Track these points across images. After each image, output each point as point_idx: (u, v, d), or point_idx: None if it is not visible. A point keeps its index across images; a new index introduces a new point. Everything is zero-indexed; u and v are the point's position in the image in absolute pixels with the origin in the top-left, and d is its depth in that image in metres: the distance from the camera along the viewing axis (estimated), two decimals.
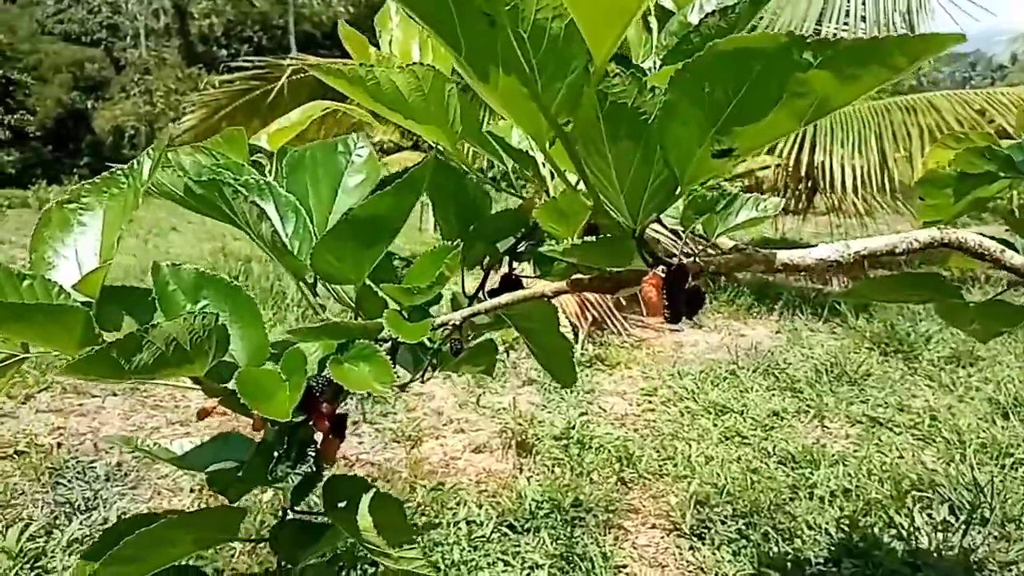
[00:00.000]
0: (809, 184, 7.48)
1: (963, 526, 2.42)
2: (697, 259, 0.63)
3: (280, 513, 0.91)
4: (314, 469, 0.94)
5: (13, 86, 25.27)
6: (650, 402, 4.05)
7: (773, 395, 4.09)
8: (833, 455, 3.15)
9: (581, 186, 0.77)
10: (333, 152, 1.03)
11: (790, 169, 7.13)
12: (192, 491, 2.89)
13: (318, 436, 0.98)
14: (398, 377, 0.81)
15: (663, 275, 0.59)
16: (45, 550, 2.35)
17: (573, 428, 3.45)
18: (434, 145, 0.97)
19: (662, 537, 2.53)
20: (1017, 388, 3.96)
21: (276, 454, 0.92)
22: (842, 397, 4.02)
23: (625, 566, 2.36)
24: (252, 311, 0.90)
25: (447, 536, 2.49)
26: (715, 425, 3.61)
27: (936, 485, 2.76)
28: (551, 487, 2.81)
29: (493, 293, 1.03)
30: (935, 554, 2.26)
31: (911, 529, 2.41)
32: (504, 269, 1.01)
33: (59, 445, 3.32)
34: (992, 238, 0.87)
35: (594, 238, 0.59)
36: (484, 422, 3.71)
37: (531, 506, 2.65)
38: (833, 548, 2.34)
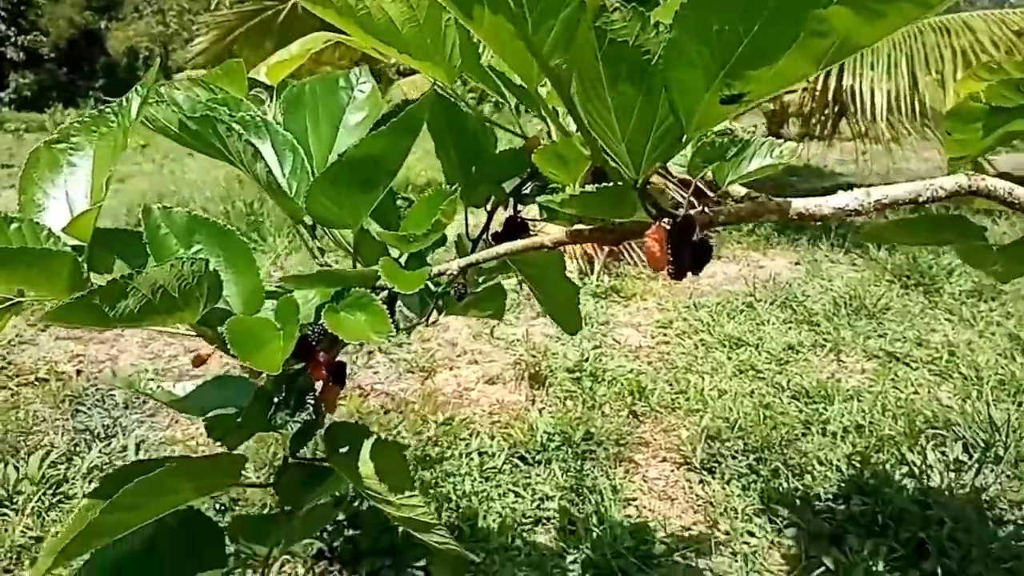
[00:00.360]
0: (836, 109, 7.26)
1: (976, 464, 2.41)
2: (706, 209, 0.58)
3: (282, 459, 0.90)
4: (314, 416, 0.92)
5: (25, 6, 24.92)
6: (665, 335, 4.04)
7: (790, 328, 4.06)
8: (848, 390, 3.13)
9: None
10: (334, 87, 0.98)
11: (816, 93, 6.93)
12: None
13: (318, 384, 0.97)
14: (397, 325, 0.78)
15: (667, 227, 0.55)
16: (66, 476, 2.41)
17: (586, 361, 3.45)
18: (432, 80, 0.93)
19: (672, 471, 2.54)
20: None
21: (275, 401, 0.90)
22: (860, 331, 3.98)
23: (635, 499, 2.38)
24: (246, 256, 0.88)
25: (459, 467, 2.52)
26: (729, 359, 3.59)
27: (951, 423, 2.74)
28: (563, 420, 2.82)
29: (497, 236, 0.99)
30: (946, 492, 2.25)
31: (923, 467, 2.40)
32: (509, 211, 0.97)
33: (79, 372, 3.37)
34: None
35: (595, 187, 0.55)
36: (498, 353, 3.72)
37: (543, 438, 2.67)
38: (843, 484, 2.34)
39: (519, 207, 1.00)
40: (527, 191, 0.99)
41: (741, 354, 3.64)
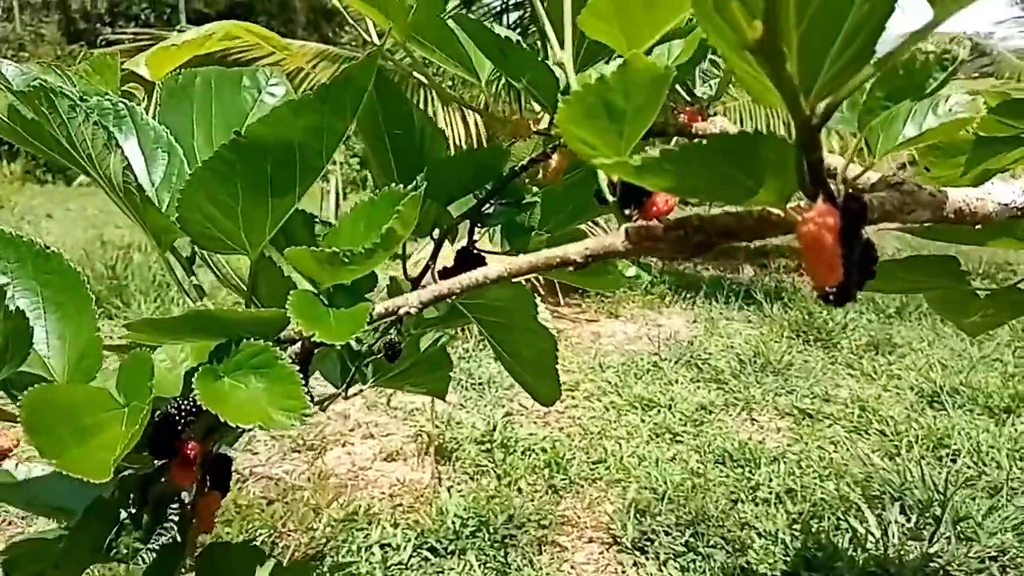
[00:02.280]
0: None
1: (918, 528, 2.27)
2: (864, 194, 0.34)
3: None
4: (178, 539, 0.60)
5: None
6: (573, 397, 3.81)
7: (698, 387, 3.92)
8: (770, 452, 2.98)
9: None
10: (235, 85, 0.68)
11: None
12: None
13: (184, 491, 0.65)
14: (311, 398, 0.49)
15: (838, 213, 0.29)
16: None
17: (495, 430, 3.16)
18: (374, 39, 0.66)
19: (601, 553, 2.27)
20: (939, 375, 3.92)
21: (120, 518, 0.58)
22: (768, 388, 3.88)
23: None
24: (76, 293, 0.56)
25: (358, 565, 2.15)
26: (643, 421, 3.39)
27: (884, 482, 2.62)
28: (476, 501, 2.50)
29: (446, 273, 0.72)
30: (896, 561, 2.09)
31: (866, 533, 2.24)
32: (460, 242, 0.70)
33: None
34: None
35: (708, 137, 0.29)
36: (396, 425, 3.37)
37: (455, 524, 2.35)
38: (789, 559, 2.13)
39: (474, 234, 0.74)
40: (489, 210, 0.73)
41: (654, 416, 3.45)
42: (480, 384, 3.89)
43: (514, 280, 0.59)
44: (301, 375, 0.47)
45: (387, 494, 2.67)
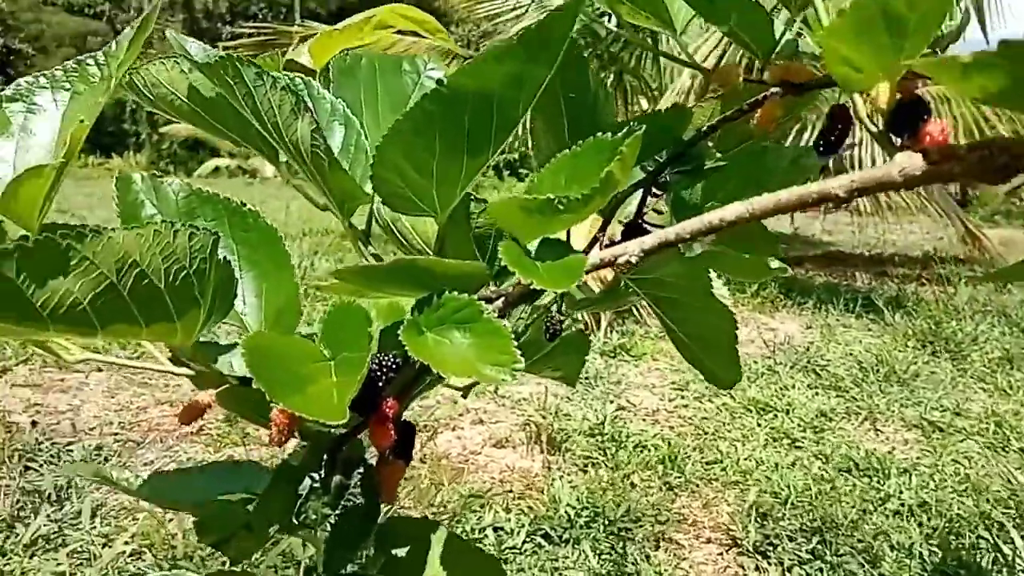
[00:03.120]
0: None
1: None
2: None
3: None
4: (367, 507, 0.59)
5: (14, 55, 24.78)
6: (682, 397, 3.71)
7: (816, 394, 3.75)
8: (900, 463, 2.81)
9: None
10: (397, 69, 0.68)
11: None
12: None
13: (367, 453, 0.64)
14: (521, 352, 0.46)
15: None
16: (3, 549, 2.01)
17: (604, 423, 3.11)
18: None
19: (720, 554, 2.19)
20: None
21: (308, 485, 0.57)
22: (893, 398, 3.68)
23: None
24: (275, 248, 0.56)
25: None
26: (759, 425, 3.27)
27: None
28: (589, 492, 2.47)
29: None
30: None
31: (1013, 554, 2.08)
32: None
33: (34, 424, 2.97)
34: None
35: None
36: (504, 413, 3.37)
37: (568, 513, 2.31)
38: (927, 574, 2.00)
39: (645, 206, 0.70)
40: (665, 179, 0.69)
41: (771, 420, 3.32)
42: (587, 378, 3.84)
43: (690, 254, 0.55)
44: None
45: (497, 479, 2.66)
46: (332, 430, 0.55)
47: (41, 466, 2.57)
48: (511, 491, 2.55)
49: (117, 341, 4.12)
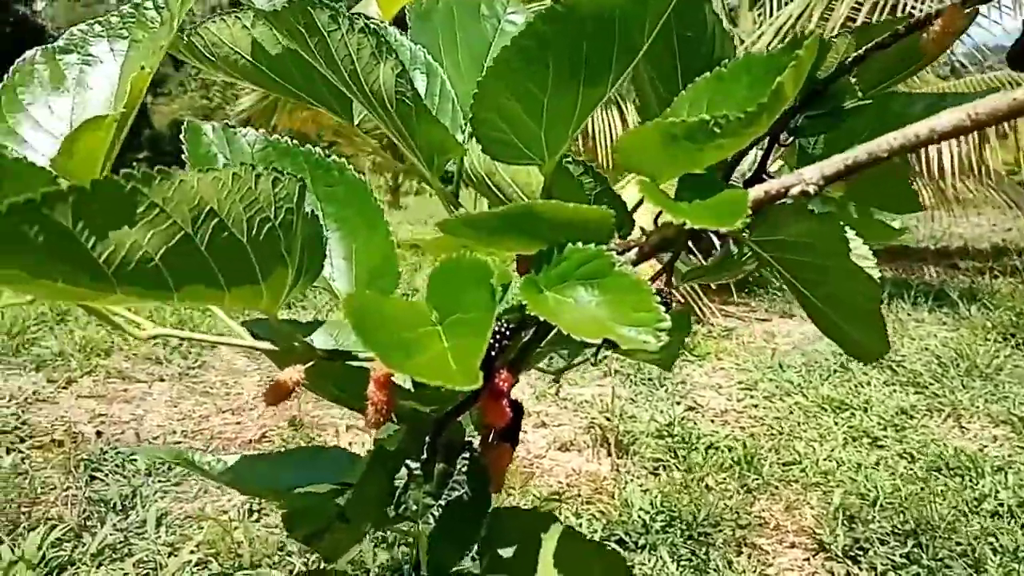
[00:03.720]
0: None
1: None
2: None
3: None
4: (471, 497, 0.51)
5: None
6: (752, 396, 3.57)
7: (894, 390, 3.58)
8: (993, 461, 2.64)
9: None
10: (475, 14, 0.61)
11: None
12: None
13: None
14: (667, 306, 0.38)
15: None
16: (72, 558, 1.99)
17: (673, 424, 3.00)
18: None
19: (807, 559, 2.06)
20: None
21: (406, 472, 0.49)
22: (976, 394, 3.48)
23: None
24: (365, 204, 0.48)
25: None
26: (836, 423, 3.12)
27: None
28: (662, 495, 2.36)
29: None
30: None
31: None
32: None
33: (99, 434, 2.99)
34: None
35: None
36: (567, 416, 3.28)
37: (642, 517, 2.21)
38: None
39: (771, 155, 0.60)
40: (796, 124, 0.59)
41: (848, 419, 3.16)
42: (650, 379, 3.73)
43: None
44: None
45: (565, 484, 2.57)
46: (432, 411, 0.47)
47: (106, 475, 2.56)
48: (580, 495, 2.46)
49: (195, 308, 4.14)
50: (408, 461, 0.46)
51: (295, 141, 0.56)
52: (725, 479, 2.51)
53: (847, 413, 3.24)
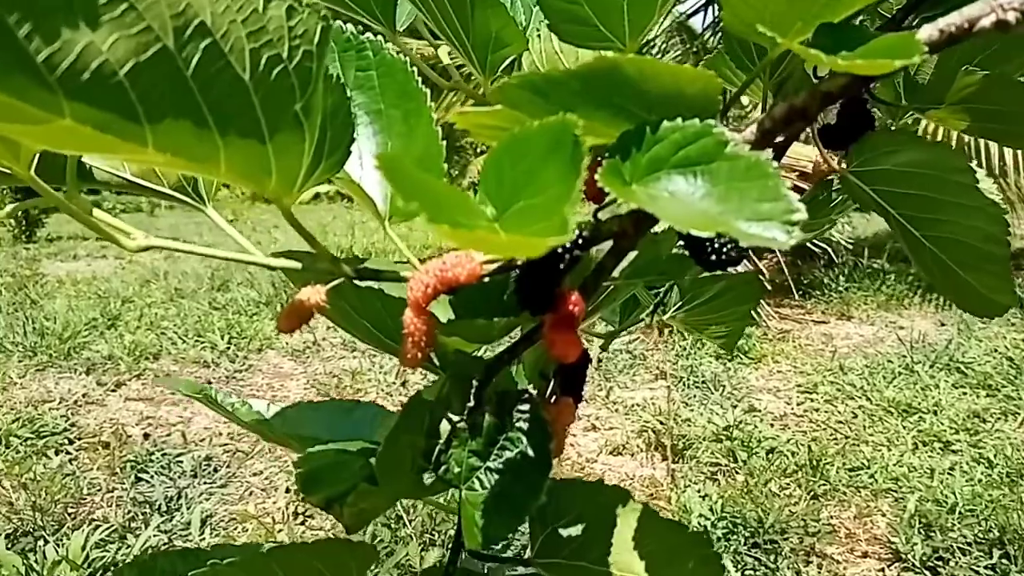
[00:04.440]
0: None
1: None
2: None
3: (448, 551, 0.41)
4: (530, 459, 0.42)
5: None
6: (811, 400, 3.42)
7: (964, 393, 3.39)
8: None
9: None
10: None
11: None
12: (288, 491, 2.46)
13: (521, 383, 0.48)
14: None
15: None
16: (115, 559, 1.95)
17: (731, 428, 2.87)
18: None
19: (881, 570, 1.93)
20: None
21: (449, 424, 0.41)
22: None
23: None
24: (404, 90, 0.39)
25: None
26: (904, 427, 2.96)
27: None
28: (722, 501, 2.24)
29: (827, 135, 0.52)
30: None
31: None
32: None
33: (146, 436, 2.97)
34: None
35: None
36: (618, 420, 3.17)
37: (703, 524, 2.10)
38: None
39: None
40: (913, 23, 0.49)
41: (916, 422, 3.00)
42: (703, 382, 3.60)
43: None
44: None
45: None
46: (482, 350, 0.39)
47: (152, 477, 2.54)
48: None
49: (181, 178, 4.13)
50: (451, 414, 0.38)
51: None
52: (789, 484, 2.38)
53: (915, 417, 3.08)
